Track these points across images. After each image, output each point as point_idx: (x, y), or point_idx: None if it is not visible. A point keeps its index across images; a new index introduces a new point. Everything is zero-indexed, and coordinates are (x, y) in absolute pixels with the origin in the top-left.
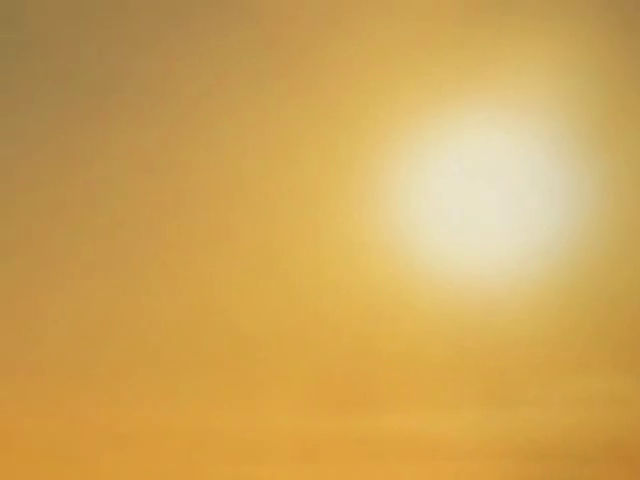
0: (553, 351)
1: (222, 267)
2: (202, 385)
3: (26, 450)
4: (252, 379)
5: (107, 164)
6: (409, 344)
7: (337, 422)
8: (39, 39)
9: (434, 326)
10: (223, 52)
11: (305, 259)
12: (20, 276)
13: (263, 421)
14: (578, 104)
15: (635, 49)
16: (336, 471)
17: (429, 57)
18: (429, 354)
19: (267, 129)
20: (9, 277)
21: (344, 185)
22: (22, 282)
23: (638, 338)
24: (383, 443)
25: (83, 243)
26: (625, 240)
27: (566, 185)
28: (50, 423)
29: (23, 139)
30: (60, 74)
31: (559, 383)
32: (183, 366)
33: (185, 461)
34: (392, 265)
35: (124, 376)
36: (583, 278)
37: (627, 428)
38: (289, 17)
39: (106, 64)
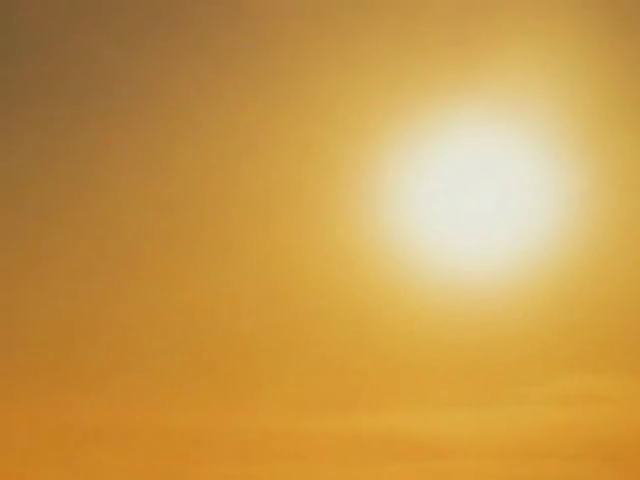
0: (543, 351)
1: (216, 269)
2: (195, 386)
3: (23, 450)
4: (245, 380)
5: (99, 165)
6: (400, 345)
7: (330, 422)
8: (35, 40)
9: (425, 327)
10: (217, 54)
11: (298, 261)
12: (16, 276)
13: (256, 421)
14: (571, 105)
15: (628, 51)
16: (329, 470)
17: (422, 58)
18: (420, 355)
19: (261, 131)
20: (3, 278)
21: (339, 186)
22: (19, 282)
23: (626, 338)
24: (375, 442)
25: (77, 243)
26: (616, 242)
27: (558, 186)
28: (46, 423)
29: (15, 140)
30: (54, 75)
31: (549, 383)
32: (176, 367)
33: (180, 460)
34: (384, 266)
35: (118, 377)
36: (573, 280)
37: (616, 427)
38: (283, 19)
39: (99, 66)
